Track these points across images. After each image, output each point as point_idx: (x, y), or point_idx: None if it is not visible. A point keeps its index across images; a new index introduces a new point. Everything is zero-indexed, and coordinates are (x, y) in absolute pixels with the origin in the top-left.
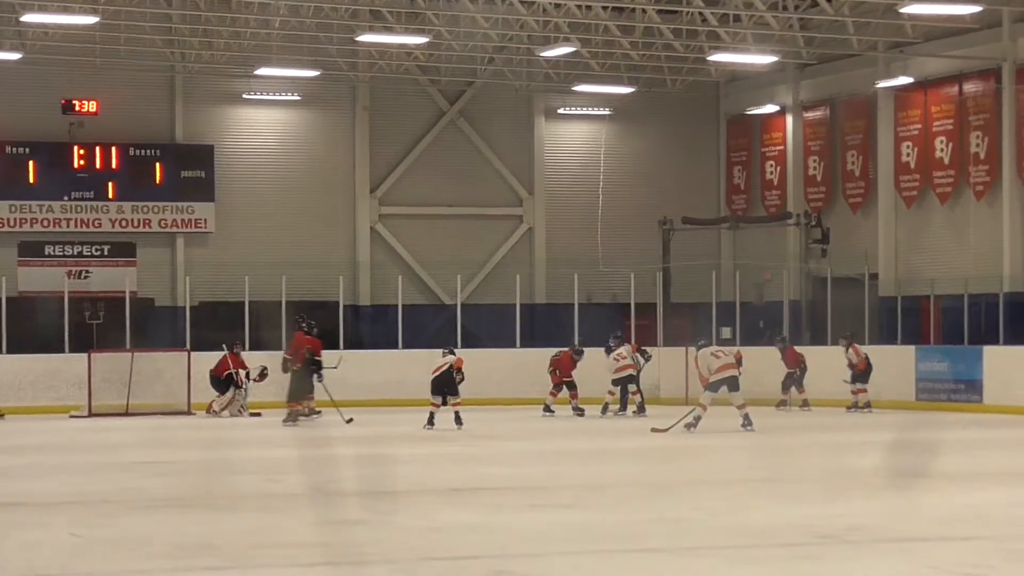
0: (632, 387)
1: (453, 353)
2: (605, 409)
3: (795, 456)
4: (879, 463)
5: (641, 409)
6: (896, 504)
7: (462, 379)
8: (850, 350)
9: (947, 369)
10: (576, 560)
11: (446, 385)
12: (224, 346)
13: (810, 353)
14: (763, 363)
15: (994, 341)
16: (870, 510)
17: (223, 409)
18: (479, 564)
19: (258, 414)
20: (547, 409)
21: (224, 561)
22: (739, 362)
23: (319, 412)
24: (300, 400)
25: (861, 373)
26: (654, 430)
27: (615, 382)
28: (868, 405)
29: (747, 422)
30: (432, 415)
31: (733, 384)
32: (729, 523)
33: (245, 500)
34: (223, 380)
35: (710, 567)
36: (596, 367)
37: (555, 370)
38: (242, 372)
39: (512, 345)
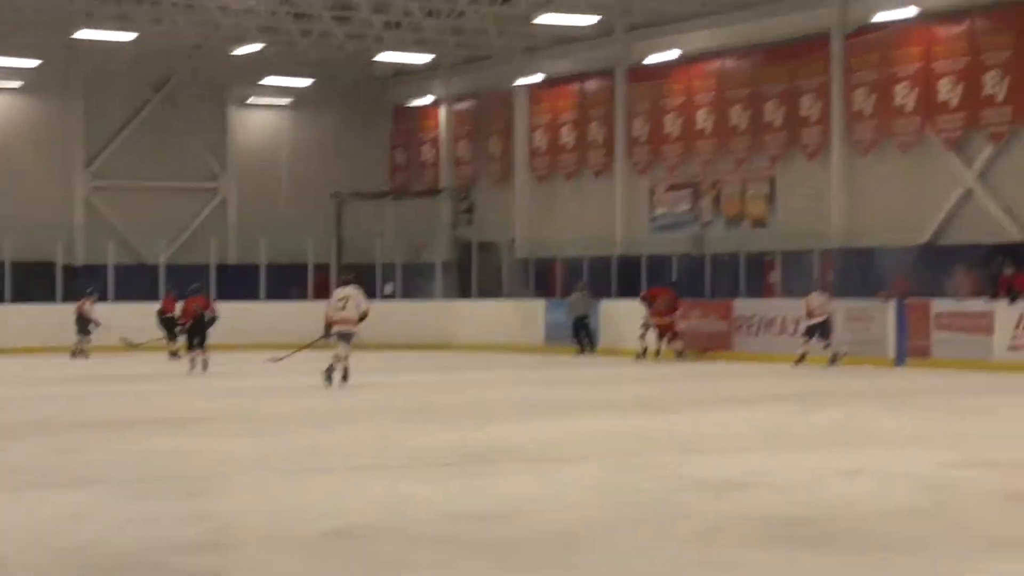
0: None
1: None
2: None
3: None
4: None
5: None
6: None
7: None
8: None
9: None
10: (258, 477)
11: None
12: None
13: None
14: (420, 314)
15: (607, 295)
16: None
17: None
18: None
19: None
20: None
21: None
22: (362, 318)
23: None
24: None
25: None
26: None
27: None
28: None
29: (333, 374)
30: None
31: (345, 338)
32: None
33: None
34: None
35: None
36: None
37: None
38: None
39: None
